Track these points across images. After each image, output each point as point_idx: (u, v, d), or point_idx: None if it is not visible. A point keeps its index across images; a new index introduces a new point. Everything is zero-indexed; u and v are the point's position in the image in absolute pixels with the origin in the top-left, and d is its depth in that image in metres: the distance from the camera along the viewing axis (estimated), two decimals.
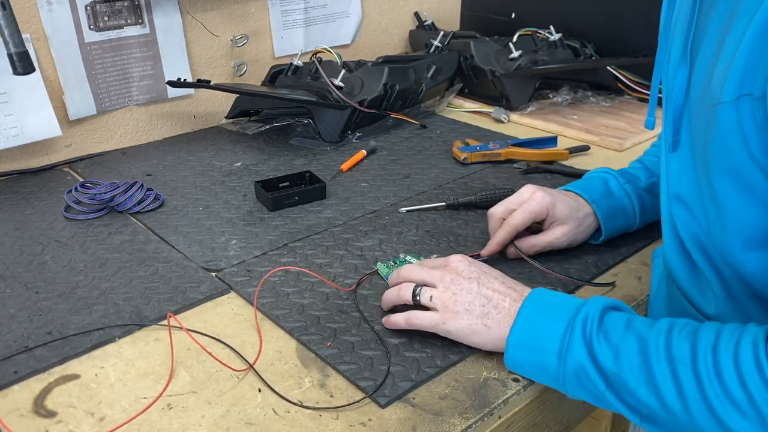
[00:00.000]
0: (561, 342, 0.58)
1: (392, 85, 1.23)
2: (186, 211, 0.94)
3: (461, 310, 0.63)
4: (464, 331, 0.63)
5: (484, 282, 0.64)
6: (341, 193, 1.00)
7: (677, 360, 0.53)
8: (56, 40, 1.06)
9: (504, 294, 0.63)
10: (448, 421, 0.57)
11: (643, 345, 0.55)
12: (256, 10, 1.29)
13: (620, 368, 0.55)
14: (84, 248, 0.84)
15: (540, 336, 0.59)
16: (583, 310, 0.59)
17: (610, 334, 0.57)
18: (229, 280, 0.77)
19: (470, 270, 0.66)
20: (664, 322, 0.56)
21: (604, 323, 0.58)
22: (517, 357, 0.61)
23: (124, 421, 0.57)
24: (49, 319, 0.70)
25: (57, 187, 1.02)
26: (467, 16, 1.68)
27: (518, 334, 0.61)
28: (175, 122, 1.25)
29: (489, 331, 0.62)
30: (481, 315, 0.63)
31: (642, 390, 0.54)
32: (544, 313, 0.60)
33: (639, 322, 0.57)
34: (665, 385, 0.53)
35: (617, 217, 0.81)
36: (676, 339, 0.54)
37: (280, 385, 0.61)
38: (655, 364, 0.54)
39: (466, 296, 0.64)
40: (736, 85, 0.50)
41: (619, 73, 1.34)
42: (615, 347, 0.56)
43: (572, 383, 0.58)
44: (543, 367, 0.59)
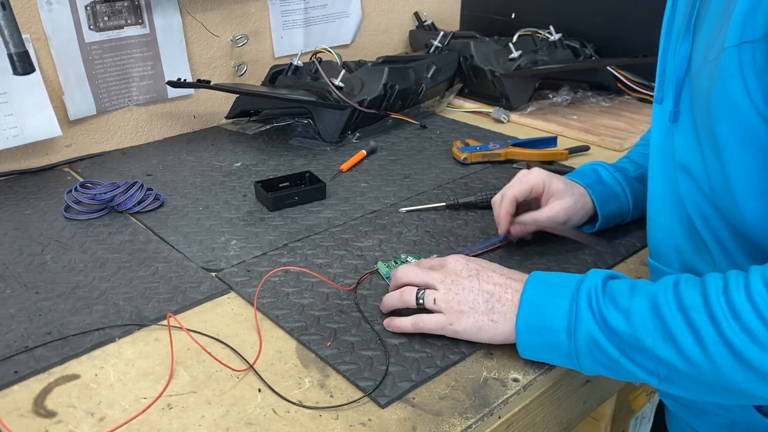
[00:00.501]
0: (568, 317, 0.58)
1: (392, 85, 1.23)
2: (186, 211, 0.94)
3: (466, 309, 0.64)
4: (472, 329, 0.64)
5: (483, 277, 0.65)
6: (341, 193, 1.00)
7: (690, 308, 0.53)
8: (56, 40, 1.06)
9: (505, 286, 0.64)
10: (448, 421, 0.57)
11: (653, 301, 0.55)
12: (256, 10, 1.29)
13: (634, 329, 0.55)
14: (84, 248, 0.84)
15: (546, 315, 0.60)
16: (585, 283, 0.59)
17: (617, 299, 0.57)
18: (229, 280, 0.77)
19: (468, 268, 0.66)
20: (668, 278, 0.57)
21: (608, 291, 0.58)
22: (528, 341, 0.61)
23: (124, 421, 0.57)
24: (49, 319, 0.70)
25: (57, 187, 1.02)
26: (467, 16, 1.68)
27: (525, 318, 0.61)
28: (175, 122, 1.25)
29: (496, 325, 0.63)
30: (486, 311, 0.63)
31: (659, 346, 0.54)
32: (546, 293, 0.61)
33: (643, 284, 0.58)
34: (682, 335, 0.53)
35: (611, 202, 0.83)
36: (685, 289, 0.54)
37: (280, 385, 0.61)
38: (668, 317, 0.54)
39: (469, 294, 0.64)
40: (738, 31, 0.52)
41: (619, 73, 1.34)
42: (625, 310, 0.56)
43: (585, 357, 0.58)
44: (555, 346, 0.59)
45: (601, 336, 0.57)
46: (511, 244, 0.84)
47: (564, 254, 0.82)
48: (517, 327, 0.61)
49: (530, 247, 0.84)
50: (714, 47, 0.55)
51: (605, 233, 0.86)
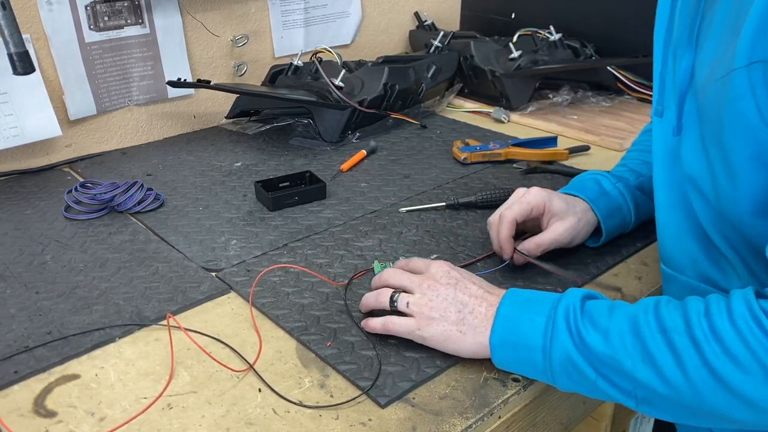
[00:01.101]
0: (543, 336, 0.58)
1: (392, 85, 1.23)
2: (186, 211, 0.94)
3: (436, 316, 0.63)
4: (438, 337, 0.63)
5: (461, 287, 0.64)
6: (341, 193, 1.00)
7: (671, 330, 0.53)
8: (56, 40, 1.06)
9: (480, 298, 0.63)
10: (448, 421, 0.57)
11: (633, 322, 0.55)
12: (256, 10, 1.29)
13: (613, 350, 0.55)
14: (84, 248, 0.84)
15: (521, 332, 0.59)
16: (562, 301, 0.59)
17: (595, 319, 0.57)
18: (229, 280, 0.77)
19: (449, 276, 0.65)
20: (648, 300, 0.57)
21: (586, 310, 0.58)
22: (503, 356, 0.61)
23: (125, 421, 0.57)
24: (49, 319, 0.70)
25: (57, 187, 1.02)
26: (467, 16, 1.68)
27: (499, 334, 0.60)
28: (175, 122, 1.25)
29: (464, 337, 0.62)
30: (456, 321, 0.62)
31: (639, 367, 0.54)
32: (522, 309, 0.60)
33: (621, 304, 0.58)
34: (663, 357, 0.53)
35: (615, 216, 0.81)
36: (666, 312, 0.54)
37: (280, 385, 0.61)
38: (648, 339, 0.53)
39: (442, 302, 0.63)
40: (747, 51, 0.51)
41: (619, 73, 1.34)
42: (604, 330, 0.56)
43: (561, 376, 0.58)
44: (529, 363, 0.59)
45: (578, 356, 0.56)
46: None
47: (564, 254, 0.82)
48: (491, 341, 0.61)
49: None
50: (722, 65, 0.54)
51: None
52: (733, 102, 0.53)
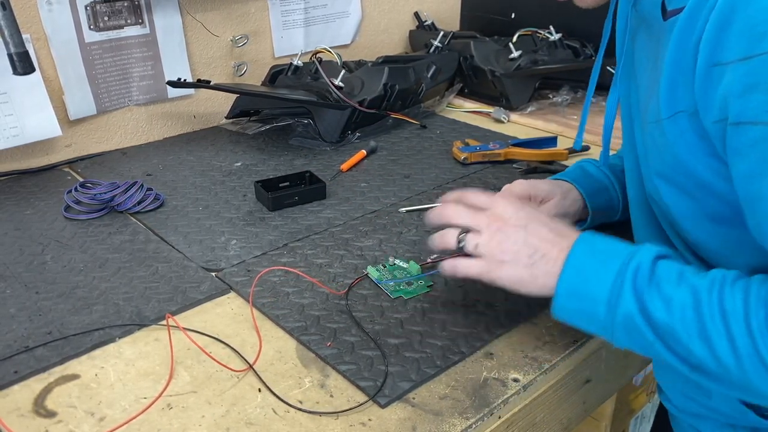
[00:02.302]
0: (611, 291, 0.57)
1: (392, 85, 1.23)
2: (186, 211, 0.94)
3: (508, 259, 0.61)
4: (511, 280, 0.62)
5: (531, 230, 0.62)
6: (341, 193, 1.00)
7: (731, 315, 0.53)
8: (56, 40, 1.06)
9: (552, 243, 0.61)
10: (448, 421, 0.57)
11: (696, 297, 0.54)
12: (256, 10, 1.29)
13: (672, 320, 0.55)
14: (84, 248, 0.84)
15: (590, 284, 0.58)
16: (634, 259, 0.58)
17: (662, 285, 0.56)
18: (229, 280, 0.77)
19: (518, 216, 0.63)
20: (717, 273, 0.56)
21: (656, 274, 0.57)
22: (565, 305, 0.60)
23: (124, 421, 0.57)
24: (49, 319, 0.70)
25: (57, 187, 1.02)
26: (467, 16, 1.68)
27: (567, 282, 0.59)
28: (175, 122, 1.25)
29: (536, 280, 0.61)
30: (528, 265, 0.61)
31: (695, 342, 0.54)
32: (593, 260, 0.59)
33: (691, 273, 0.57)
34: (718, 339, 0.53)
35: (600, 194, 0.82)
36: (729, 293, 0.54)
37: (280, 385, 0.61)
38: (708, 318, 0.53)
39: (513, 245, 0.61)
40: (668, 103, 0.56)
41: None
42: (667, 298, 0.55)
43: (620, 332, 0.57)
44: (592, 315, 0.58)
45: (640, 318, 0.56)
46: None
47: None
48: (558, 289, 0.60)
49: None
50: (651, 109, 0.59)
51: None
52: (670, 146, 0.57)
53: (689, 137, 0.55)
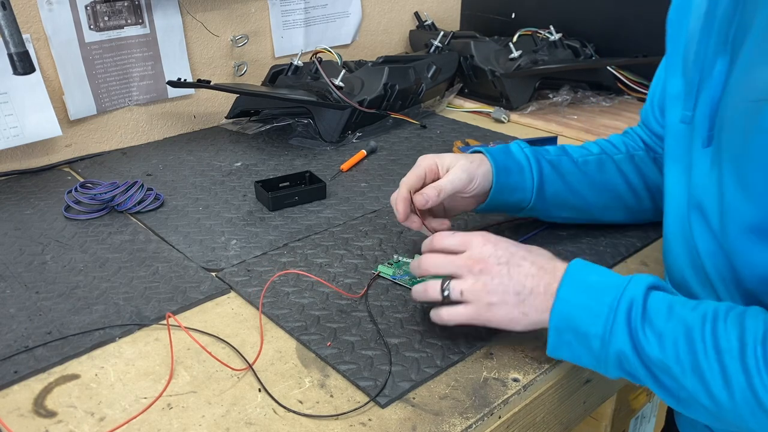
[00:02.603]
0: (604, 326, 0.56)
1: (392, 85, 1.23)
2: (186, 211, 0.94)
3: (496, 301, 0.61)
4: (502, 320, 0.62)
5: (513, 266, 0.62)
6: (341, 193, 1.00)
7: (725, 352, 0.52)
8: (56, 40, 1.06)
9: (537, 277, 0.61)
10: (448, 421, 0.57)
11: (689, 332, 0.54)
12: (256, 10, 1.29)
13: (665, 355, 0.54)
14: (84, 248, 0.84)
15: (582, 319, 0.58)
16: (627, 292, 0.57)
17: (653, 321, 0.56)
18: (229, 280, 0.77)
19: (497, 255, 0.62)
20: (708, 308, 0.55)
21: (647, 308, 0.56)
22: (559, 340, 0.60)
23: (124, 421, 0.57)
24: (49, 319, 0.70)
25: (57, 187, 1.02)
26: (467, 16, 1.68)
27: (559, 318, 0.59)
28: (175, 122, 1.25)
29: (527, 317, 0.61)
30: (517, 303, 0.61)
31: (687, 377, 0.53)
32: (585, 295, 0.58)
33: (681, 306, 0.56)
34: (712, 375, 0.52)
35: (512, 173, 0.77)
36: (722, 329, 0.53)
37: (280, 385, 0.61)
38: (701, 354, 0.53)
39: (498, 286, 0.61)
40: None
41: (619, 73, 1.34)
42: (659, 333, 0.55)
43: (613, 367, 0.57)
44: (585, 349, 0.58)
45: (634, 355, 0.56)
46: None
47: (564, 254, 0.82)
48: (550, 324, 0.59)
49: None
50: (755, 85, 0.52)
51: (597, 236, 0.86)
52: (763, 133, 0.51)
53: None
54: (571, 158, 0.81)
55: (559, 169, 0.80)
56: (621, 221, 0.86)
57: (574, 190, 0.80)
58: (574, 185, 0.80)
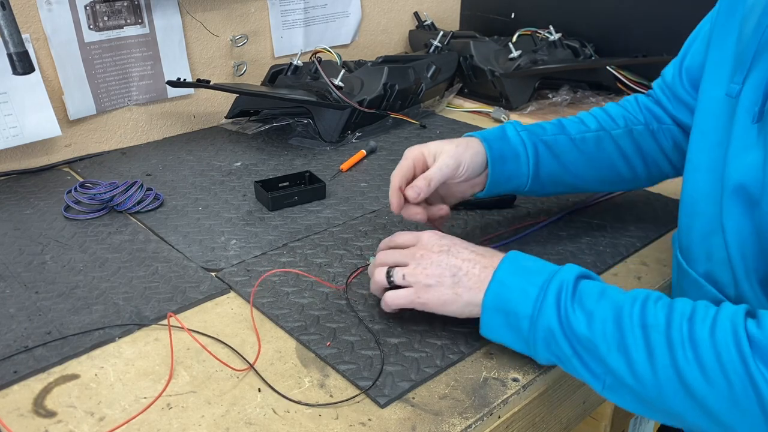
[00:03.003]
0: (533, 306, 0.59)
1: (392, 85, 1.23)
2: (186, 211, 0.94)
3: (433, 283, 0.64)
4: (437, 301, 0.64)
5: (453, 252, 0.65)
6: (341, 193, 1.00)
7: (651, 327, 0.53)
8: (56, 40, 1.06)
9: (473, 261, 0.64)
10: (448, 421, 0.57)
11: (618, 312, 0.56)
12: (255, 10, 1.29)
13: (593, 333, 0.56)
14: (84, 248, 0.84)
15: (513, 299, 0.60)
16: (558, 275, 0.60)
17: (584, 300, 0.58)
18: (229, 279, 0.77)
19: (440, 244, 0.66)
20: (639, 292, 0.57)
21: (578, 290, 0.59)
22: (491, 320, 0.62)
23: (124, 421, 0.57)
24: (49, 319, 0.70)
25: (57, 187, 1.02)
26: (467, 16, 1.68)
27: (492, 297, 0.61)
28: (175, 122, 1.25)
29: (460, 298, 0.63)
30: (452, 284, 0.63)
31: (613, 355, 0.55)
32: (518, 276, 0.61)
33: (613, 291, 0.58)
34: (636, 350, 0.54)
35: (508, 161, 0.77)
36: (652, 308, 0.55)
37: (280, 385, 0.61)
38: (628, 330, 0.54)
39: (436, 269, 0.64)
40: None
41: (619, 73, 1.34)
42: (589, 313, 0.57)
43: (541, 346, 0.59)
44: (516, 329, 0.60)
45: (560, 332, 0.57)
46: (511, 245, 0.84)
47: (564, 254, 0.82)
48: (484, 303, 0.62)
49: (529, 246, 0.84)
50: None
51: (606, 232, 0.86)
52: None
53: None
54: (569, 136, 0.81)
55: (556, 150, 0.80)
56: (614, 191, 0.89)
57: (570, 168, 0.81)
58: (571, 164, 0.81)
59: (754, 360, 0.49)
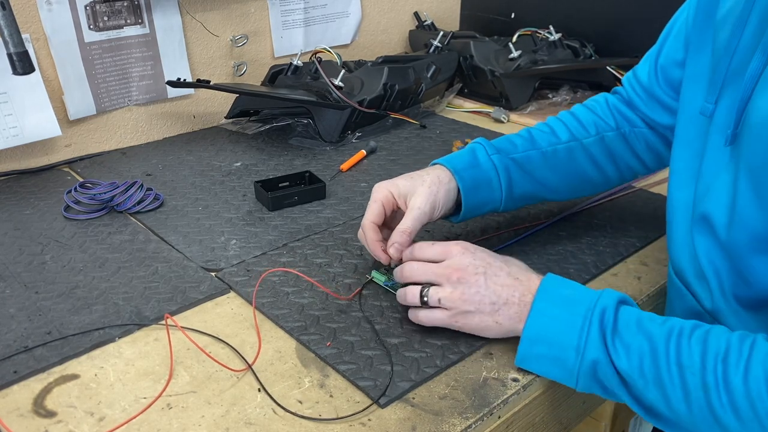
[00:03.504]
0: (579, 336, 0.58)
1: (392, 85, 1.23)
2: (186, 211, 0.94)
3: (472, 309, 0.63)
4: (476, 327, 0.64)
5: (490, 274, 0.63)
6: (341, 193, 1.00)
7: (687, 368, 0.54)
8: (56, 40, 1.06)
9: (513, 288, 0.63)
10: (448, 421, 0.57)
11: (654, 348, 0.55)
12: (255, 10, 1.29)
13: (631, 368, 0.56)
14: (84, 248, 0.84)
15: (557, 330, 0.59)
16: (599, 303, 0.59)
17: (622, 332, 0.57)
18: (229, 280, 0.77)
19: (475, 265, 0.64)
20: (674, 324, 0.57)
21: (618, 320, 0.58)
22: (531, 351, 0.61)
23: (124, 421, 0.57)
24: (49, 319, 0.70)
25: (57, 187, 1.02)
26: (467, 16, 1.68)
27: (534, 328, 0.60)
28: (175, 122, 1.25)
29: (500, 327, 0.63)
30: (491, 312, 0.63)
31: (650, 389, 0.55)
32: (559, 306, 0.60)
33: (648, 321, 0.58)
34: (673, 390, 0.54)
35: (480, 189, 0.76)
36: (686, 345, 0.55)
37: (280, 385, 0.61)
38: (664, 369, 0.54)
39: (475, 295, 0.63)
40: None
41: (619, 73, 1.34)
42: (627, 346, 0.56)
43: (586, 377, 0.58)
44: (559, 360, 0.59)
45: (608, 366, 0.57)
46: (512, 246, 0.84)
47: (564, 254, 0.82)
48: (524, 334, 0.61)
49: (529, 246, 0.84)
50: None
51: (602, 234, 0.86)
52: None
53: None
54: (540, 150, 0.80)
55: (527, 167, 0.79)
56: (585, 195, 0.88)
57: (542, 183, 0.80)
58: (543, 179, 0.80)
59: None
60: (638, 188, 1.00)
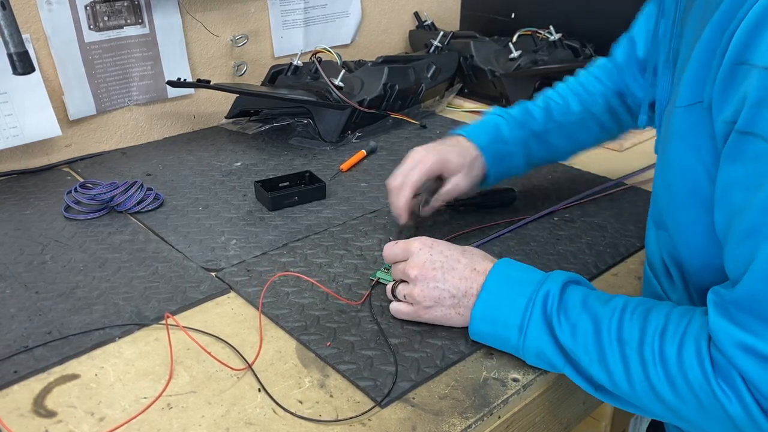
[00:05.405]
0: (522, 317, 0.61)
1: (392, 85, 1.23)
2: (186, 210, 0.94)
3: (432, 304, 0.66)
4: (440, 319, 0.67)
5: (448, 269, 0.66)
6: (341, 193, 1.00)
7: (626, 343, 0.56)
8: (56, 40, 1.06)
9: (470, 279, 0.65)
10: (448, 421, 0.57)
11: (597, 325, 0.58)
12: (255, 10, 1.29)
13: (576, 346, 0.58)
14: (84, 248, 0.84)
15: (502, 310, 0.62)
16: (544, 285, 0.61)
17: (569, 312, 0.59)
18: (229, 279, 0.77)
19: (432, 260, 0.67)
20: (618, 301, 0.59)
21: (563, 300, 0.60)
22: (479, 329, 0.64)
23: (124, 421, 0.57)
24: (49, 319, 0.70)
25: (57, 187, 1.02)
26: (467, 16, 1.68)
27: (481, 307, 0.63)
28: (175, 122, 1.25)
29: (463, 317, 0.66)
30: (453, 305, 0.66)
31: (594, 367, 0.58)
32: (506, 288, 0.63)
33: (594, 299, 0.60)
34: (614, 365, 0.56)
35: (503, 161, 0.86)
36: (628, 321, 0.57)
37: (280, 385, 0.61)
38: (606, 345, 0.57)
39: (433, 291, 0.66)
40: (689, 91, 0.54)
41: None
42: (573, 324, 0.59)
43: (531, 355, 0.61)
44: (504, 339, 0.63)
45: (549, 345, 0.60)
46: (512, 246, 0.84)
47: (564, 254, 0.82)
48: (473, 314, 0.64)
49: (528, 246, 0.84)
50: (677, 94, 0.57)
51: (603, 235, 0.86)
52: (675, 139, 0.56)
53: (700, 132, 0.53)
54: (556, 122, 0.89)
55: (544, 138, 0.88)
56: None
57: (558, 150, 0.91)
58: (557, 147, 0.90)
59: (716, 379, 0.51)
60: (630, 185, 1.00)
